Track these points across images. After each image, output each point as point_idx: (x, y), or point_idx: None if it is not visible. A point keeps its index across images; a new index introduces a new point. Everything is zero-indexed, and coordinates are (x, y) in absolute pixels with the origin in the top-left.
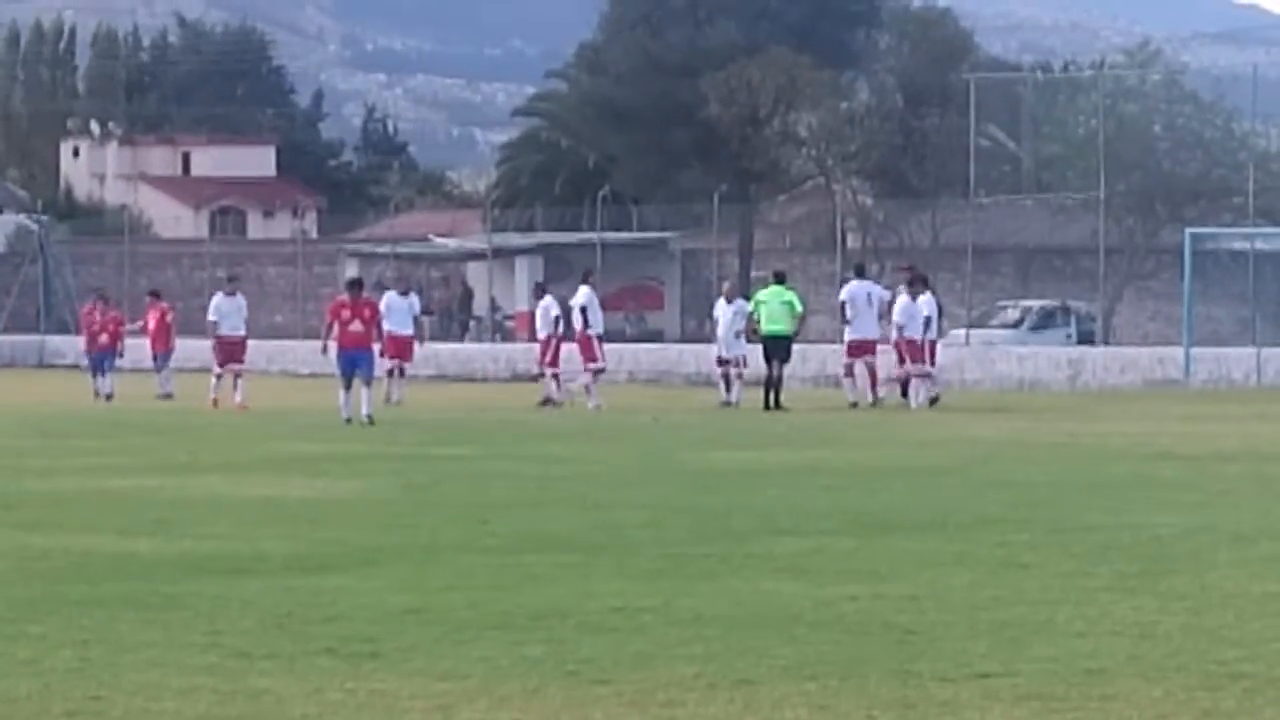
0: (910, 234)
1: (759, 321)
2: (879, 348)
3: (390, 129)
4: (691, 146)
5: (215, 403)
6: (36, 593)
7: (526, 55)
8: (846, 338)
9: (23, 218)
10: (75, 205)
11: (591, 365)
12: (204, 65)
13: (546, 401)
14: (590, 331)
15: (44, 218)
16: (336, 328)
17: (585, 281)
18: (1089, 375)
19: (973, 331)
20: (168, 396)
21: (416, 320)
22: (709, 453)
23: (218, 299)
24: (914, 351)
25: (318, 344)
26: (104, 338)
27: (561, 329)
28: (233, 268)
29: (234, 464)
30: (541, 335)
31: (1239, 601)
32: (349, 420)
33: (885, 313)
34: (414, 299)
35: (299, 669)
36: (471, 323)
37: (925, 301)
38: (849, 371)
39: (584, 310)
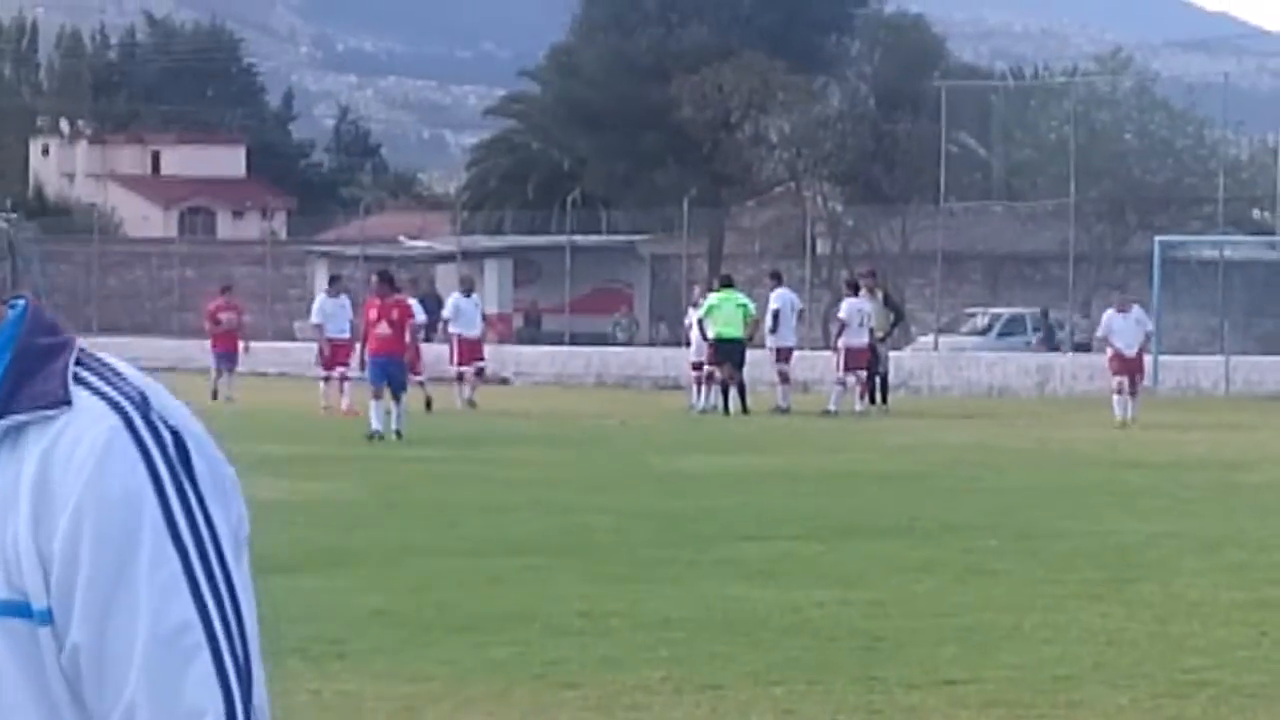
0: (880, 240)
1: (711, 326)
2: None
3: (361, 130)
4: (663, 149)
5: (327, 409)
6: None
7: (498, 57)
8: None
9: None
10: (45, 204)
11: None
12: (174, 64)
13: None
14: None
15: (13, 216)
16: (367, 331)
17: (857, 291)
18: (1057, 382)
19: (941, 338)
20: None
21: (485, 318)
22: (677, 457)
23: (321, 300)
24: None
25: (285, 345)
26: None
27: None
28: (201, 268)
29: None
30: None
31: (1204, 609)
32: (375, 436)
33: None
34: (476, 298)
35: (265, 669)
36: (440, 324)
37: (776, 295)
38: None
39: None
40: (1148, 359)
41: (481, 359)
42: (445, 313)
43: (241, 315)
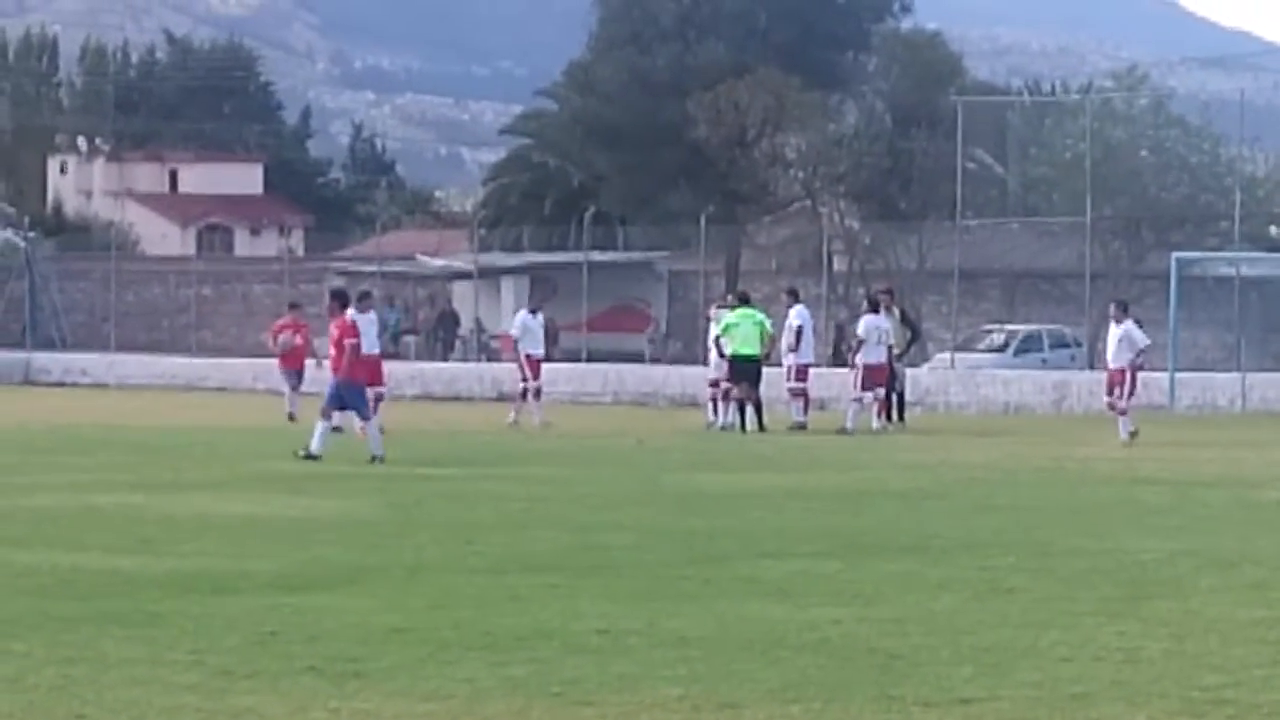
0: (897, 257)
1: (729, 344)
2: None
3: (378, 147)
4: (679, 167)
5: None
6: (21, 609)
7: (515, 75)
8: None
9: (9, 233)
10: (63, 221)
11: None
12: (192, 82)
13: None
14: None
15: (31, 234)
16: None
17: (876, 309)
18: (1074, 399)
19: (958, 355)
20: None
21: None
22: (694, 475)
23: (351, 313)
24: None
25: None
26: None
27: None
28: (219, 286)
29: (219, 482)
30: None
31: (1222, 627)
32: (376, 459)
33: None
34: (541, 317)
35: (282, 688)
36: (457, 342)
37: (796, 312)
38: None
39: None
40: (1145, 376)
41: (539, 378)
42: (514, 331)
43: (304, 334)
